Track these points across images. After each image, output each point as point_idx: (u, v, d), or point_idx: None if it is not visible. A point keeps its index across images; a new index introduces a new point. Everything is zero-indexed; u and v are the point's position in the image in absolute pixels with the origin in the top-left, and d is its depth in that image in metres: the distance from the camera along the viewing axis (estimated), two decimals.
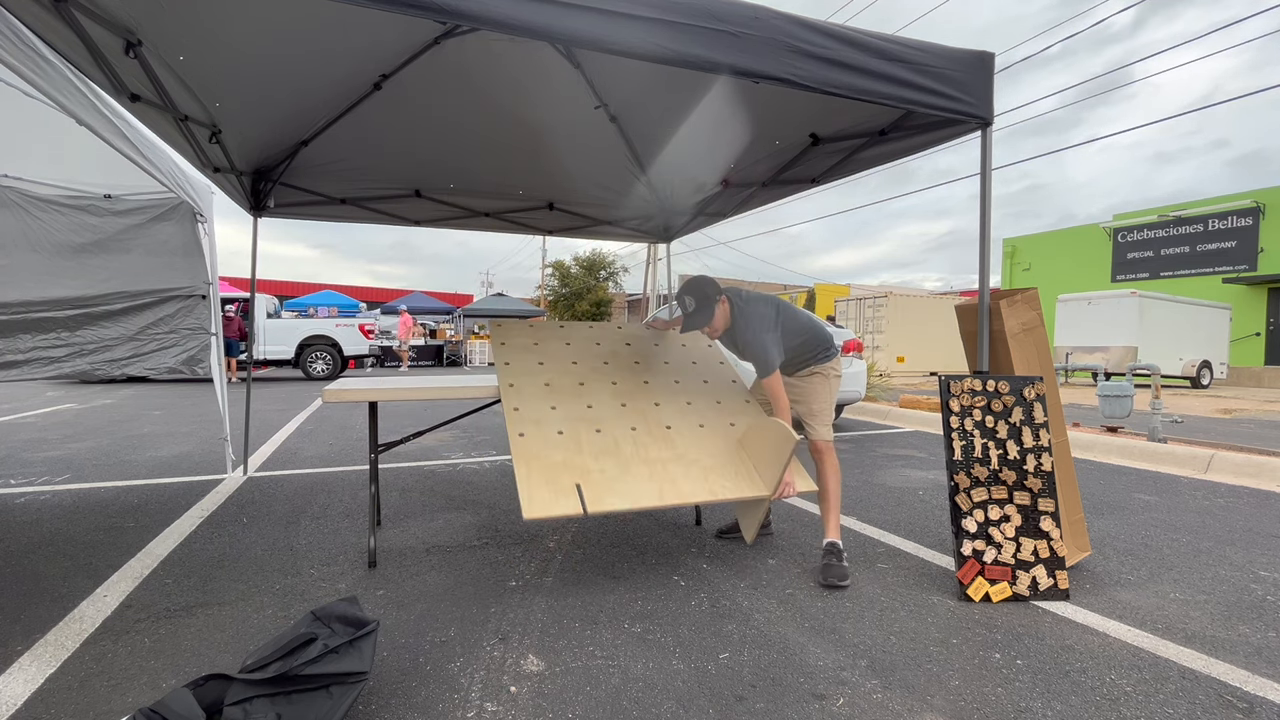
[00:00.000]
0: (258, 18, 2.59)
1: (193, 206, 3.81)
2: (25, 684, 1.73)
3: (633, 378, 2.98)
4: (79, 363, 3.70)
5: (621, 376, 2.96)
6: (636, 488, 2.36)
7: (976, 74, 2.54)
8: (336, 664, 1.52)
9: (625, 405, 2.77)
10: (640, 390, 2.91)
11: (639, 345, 3.23)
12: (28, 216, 3.59)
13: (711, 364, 3.24)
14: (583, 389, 2.80)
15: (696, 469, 2.53)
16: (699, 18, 2.03)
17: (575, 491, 2.25)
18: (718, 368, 3.22)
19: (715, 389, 3.05)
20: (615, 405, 2.76)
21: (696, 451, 2.62)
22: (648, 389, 2.93)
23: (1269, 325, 16.50)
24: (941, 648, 2.00)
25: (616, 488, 2.33)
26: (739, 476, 2.55)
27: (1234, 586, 2.52)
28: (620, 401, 2.79)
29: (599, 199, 5.00)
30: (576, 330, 3.23)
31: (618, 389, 2.88)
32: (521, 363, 2.88)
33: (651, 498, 2.34)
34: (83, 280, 3.71)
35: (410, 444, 5.55)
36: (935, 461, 5.07)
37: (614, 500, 2.27)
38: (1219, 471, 4.68)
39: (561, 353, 3.01)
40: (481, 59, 3.20)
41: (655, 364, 3.12)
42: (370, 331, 14.61)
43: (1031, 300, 2.68)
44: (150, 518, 3.30)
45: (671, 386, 2.98)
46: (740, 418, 2.86)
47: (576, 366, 2.94)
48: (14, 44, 1.80)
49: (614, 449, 2.52)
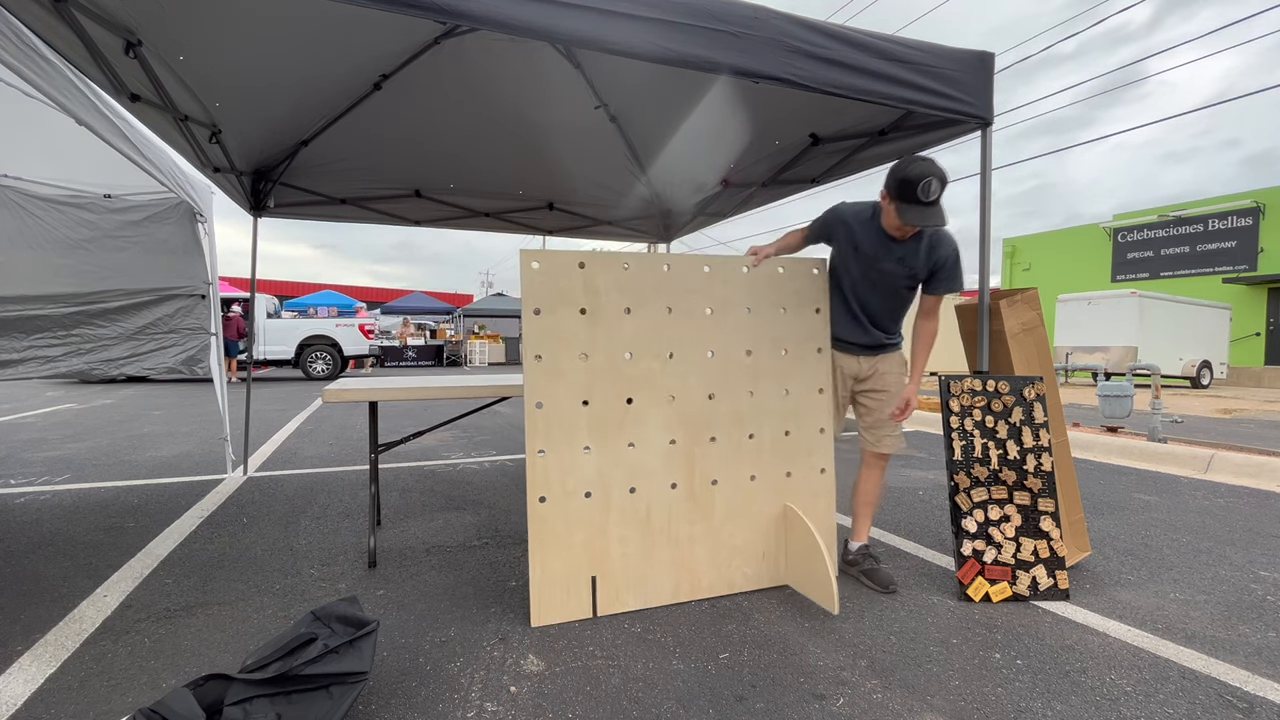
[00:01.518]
0: (257, 18, 2.59)
1: (192, 206, 3.81)
2: (25, 684, 1.73)
3: (699, 385, 2.35)
4: (76, 362, 3.70)
5: (685, 382, 2.34)
6: (655, 578, 2.26)
7: (976, 74, 2.54)
8: (337, 664, 1.52)
9: (675, 442, 2.31)
10: (702, 413, 2.35)
11: (724, 317, 2.40)
12: (26, 215, 3.59)
13: (806, 362, 2.50)
14: (629, 411, 2.26)
15: (724, 552, 2.37)
16: (699, 18, 2.03)
17: (589, 585, 2.17)
18: (811, 373, 2.51)
19: (794, 411, 2.48)
20: (663, 441, 2.29)
21: (732, 525, 2.38)
22: (711, 408, 2.36)
23: (1269, 325, 16.50)
24: (941, 648, 2.00)
25: (633, 576, 2.24)
26: (763, 561, 2.42)
27: (1234, 586, 2.52)
28: (670, 437, 2.30)
29: (599, 199, 5.00)
30: (644, 276, 2.29)
31: (675, 407, 2.31)
32: (558, 357, 2.17)
33: (665, 595, 2.27)
34: (80, 278, 3.70)
35: (410, 444, 5.55)
36: (935, 461, 5.07)
37: (628, 599, 2.23)
38: (1219, 471, 4.68)
39: (617, 329, 2.24)
40: (482, 59, 3.20)
41: (734, 356, 2.41)
42: (370, 331, 14.62)
43: (1031, 300, 2.68)
44: (150, 518, 3.30)
45: (744, 402, 2.40)
46: (802, 468, 2.48)
47: (631, 364, 2.27)
48: (14, 44, 1.80)
49: (644, 519, 2.26)
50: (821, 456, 2.50)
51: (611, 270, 2.23)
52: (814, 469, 2.49)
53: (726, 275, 2.39)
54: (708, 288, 2.36)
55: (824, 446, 2.51)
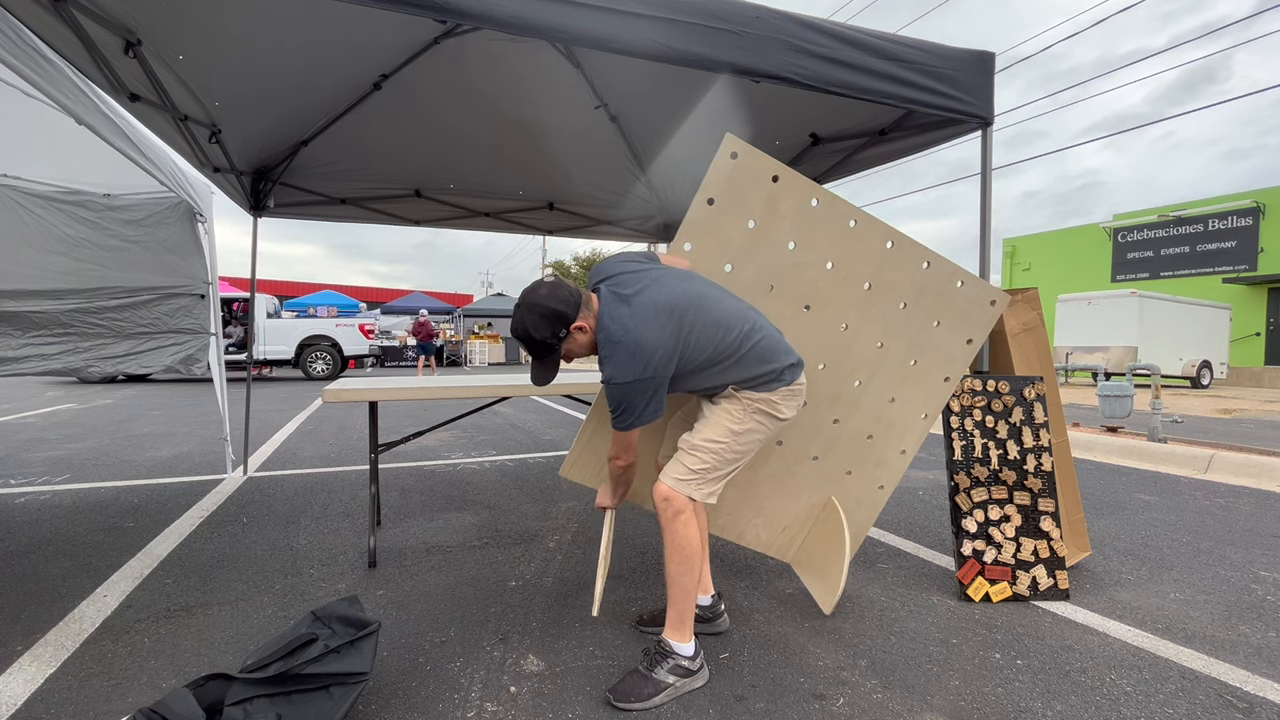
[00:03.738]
0: (257, 17, 2.59)
1: (192, 206, 3.81)
2: (25, 684, 1.73)
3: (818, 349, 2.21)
4: (74, 359, 3.69)
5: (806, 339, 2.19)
6: None
7: (977, 74, 2.54)
8: (337, 664, 1.52)
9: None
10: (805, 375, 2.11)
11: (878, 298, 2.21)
12: (24, 213, 3.59)
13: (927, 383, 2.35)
14: None
15: (749, 506, 2.34)
16: (700, 16, 2.03)
17: None
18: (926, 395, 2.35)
19: (889, 421, 2.35)
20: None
21: (771, 487, 2.33)
22: (815, 376, 2.23)
23: (1269, 325, 16.49)
24: (941, 648, 2.00)
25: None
26: (782, 534, 2.39)
27: (1234, 586, 2.52)
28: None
29: (599, 199, 5.01)
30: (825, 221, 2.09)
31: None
32: (705, 254, 2.04)
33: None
34: (78, 276, 3.70)
35: (410, 444, 5.55)
36: (935, 461, 5.07)
37: (644, 496, 2.23)
38: (1219, 471, 4.68)
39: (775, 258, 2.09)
40: (482, 58, 3.20)
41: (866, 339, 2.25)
42: (370, 331, 14.62)
43: (1031, 300, 2.68)
44: (150, 518, 3.30)
45: (848, 386, 2.28)
46: (864, 474, 2.38)
47: (769, 296, 2.14)
48: (14, 44, 1.80)
49: None
50: (888, 474, 2.42)
51: (799, 198, 2.06)
52: (874, 481, 2.41)
53: (903, 260, 2.19)
54: (879, 262, 2.17)
55: (896, 466, 2.41)
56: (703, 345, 1.71)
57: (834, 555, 2.25)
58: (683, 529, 1.75)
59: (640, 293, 1.70)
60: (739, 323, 1.77)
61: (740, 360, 1.76)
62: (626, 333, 1.63)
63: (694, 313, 1.71)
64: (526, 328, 1.70)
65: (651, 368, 1.63)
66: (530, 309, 1.69)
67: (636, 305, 1.68)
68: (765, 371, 1.78)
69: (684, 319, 1.69)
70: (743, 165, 2.00)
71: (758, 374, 1.78)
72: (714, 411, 1.83)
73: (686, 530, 1.75)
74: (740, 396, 1.81)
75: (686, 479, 1.78)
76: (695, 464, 1.79)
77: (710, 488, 1.81)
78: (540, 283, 1.73)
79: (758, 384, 1.79)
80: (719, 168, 1.97)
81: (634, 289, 1.72)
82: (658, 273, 1.79)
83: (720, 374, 1.78)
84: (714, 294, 1.79)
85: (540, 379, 1.80)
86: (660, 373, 1.66)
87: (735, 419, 1.81)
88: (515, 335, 1.75)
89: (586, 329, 1.72)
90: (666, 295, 1.70)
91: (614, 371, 1.64)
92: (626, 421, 1.68)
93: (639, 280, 1.75)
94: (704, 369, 1.76)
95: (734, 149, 1.98)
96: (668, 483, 1.78)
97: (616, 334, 1.64)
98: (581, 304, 1.71)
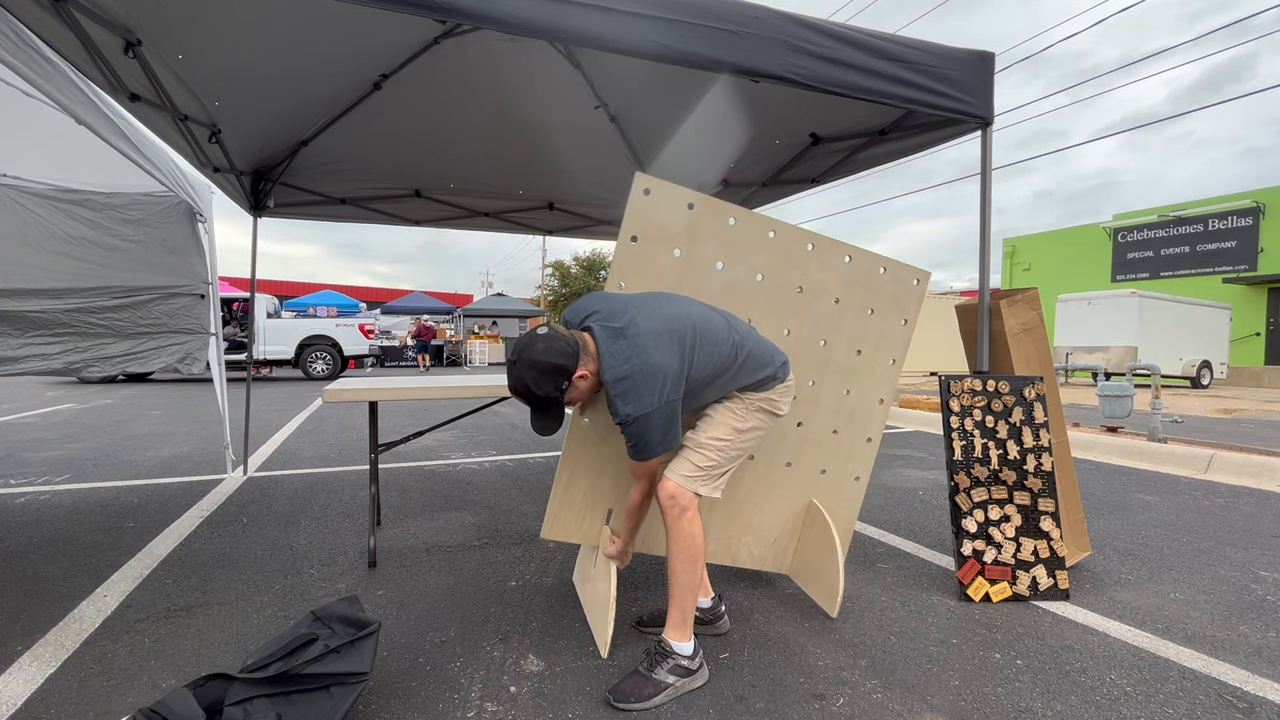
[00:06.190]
0: (257, 17, 2.59)
1: (192, 206, 3.81)
2: (25, 684, 1.73)
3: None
4: (73, 359, 3.69)
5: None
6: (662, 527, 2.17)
7: (977, 74, 2.54)
8: (337, 664, 1.52)
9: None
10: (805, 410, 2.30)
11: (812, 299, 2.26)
12: (24, 213, 3.59)
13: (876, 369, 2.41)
14: None
15: (737, 525, 2.35)
16: (700, 16, 2.03)
17: (604, 517, 2.13)
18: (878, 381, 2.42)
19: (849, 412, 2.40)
20: None
21: (754, 503, 2.35)
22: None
23: (1269, 325, 16.50)
24: (941, 648, 2.00)
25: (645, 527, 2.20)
26: (773, 546, 2.41)
27: (1234, 586, 2.52)
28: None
29: (599, 199, 5.01)
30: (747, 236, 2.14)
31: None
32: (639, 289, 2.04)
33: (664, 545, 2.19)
34: (78, 276, 3.69)
35: (410, 444, 5.55)
36: (935, 461, 5.07)
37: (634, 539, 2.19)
38: (1219, 471, 4.68)
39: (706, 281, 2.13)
40: (482, 58, 3.20)
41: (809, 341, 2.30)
42: (370, 331, 14.62)
43: (1031, 300, 2.68)
44: (150, 518, 3.30)
45: (803, 389, 2.33)
46: (838, 470, 2.42)
47: None
48: (14, 44, 1.80)
49: None
50: (860, 465, 2.45)
51: (717, 220, 2.11)
52: (849, 474, 2.44)
53: (827, 259, 2.26)
54: (805, 265, 2.23)
55: (866, 455, 2.45)
56: (704, 363, 1.73)
57: (827, 557, 2.26)
58: (689, 526, 1.78)
59: (632, 323, 1.69)
60: (727, 334, 1.80)
61: (739, 371, 1.81)
62: (634, 366, 1.62)
63: (692, 333, 1.72)
64: (528, 385, 1.64)
65: (666, 391, 1.63)
66: (529, 366, 1.62)
67: (633, 336, 1.66)
68: (763, 377, 1.84)
69: (685, 340, 1.70)
70: (657, 199, 2.03)
71: (756, 379, 1.83)
72: (717, 410, 1.87)
73: (692, 528, 1.79)
74: (742, 396, 1.86)
75: (693, 475, 1.81)
76: (702, 460, 1.82)
77: (715, 483, 1.86)
78: (535, 335, 1.67)
79: (757, 386, 1.85)
80: (635, 206, 2.00)
81: (624, 320, 1.70)
82: (636, 298, 1.80)
83: (721, 387, 1.82)
84: (699, 311, 1.81)
85: (544, 430, 1.75)
86: (674, 395, 1.66)
87: (739, 417, 1.85)
88: (516, 394, 1.69)
89: (589, 375, 1.69)
90: (661, 319, 1.71)
91: (632, 408, 1.61)
92: (648, 454, 1.69)
93: (624, 311, 1.73)
94: (705, 385, 1.78)
95: (645, 185, 2.02)
96: (675, 480, 1.80)
97: (624, 370, 1.62)
98: (580, 350, 1.67)
